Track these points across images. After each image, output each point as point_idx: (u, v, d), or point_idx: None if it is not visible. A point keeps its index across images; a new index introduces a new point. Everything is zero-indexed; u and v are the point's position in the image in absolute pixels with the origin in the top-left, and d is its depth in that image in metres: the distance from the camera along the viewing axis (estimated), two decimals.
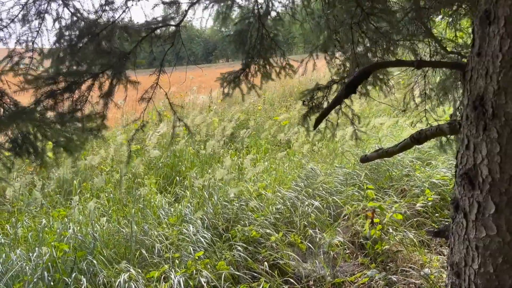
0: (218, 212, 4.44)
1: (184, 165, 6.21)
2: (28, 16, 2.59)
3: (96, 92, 2.44)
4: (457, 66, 1.92)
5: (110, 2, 2.45)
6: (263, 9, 3.21)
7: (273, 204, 4.58)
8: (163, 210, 4.52)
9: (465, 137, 1.61)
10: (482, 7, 1.51)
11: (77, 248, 3.71)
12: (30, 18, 2.60)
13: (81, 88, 2.37)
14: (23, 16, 2.59)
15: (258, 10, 3.25)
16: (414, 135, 2.12)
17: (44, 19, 2.60)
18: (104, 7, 2.45)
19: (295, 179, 5.23)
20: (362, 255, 3.94)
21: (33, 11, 2.57)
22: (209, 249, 3.82)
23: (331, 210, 4.57)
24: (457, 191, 1.67)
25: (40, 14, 2.58)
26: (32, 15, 2.57)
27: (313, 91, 3.09)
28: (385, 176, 5.31)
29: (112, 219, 4.38)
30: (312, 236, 4.08)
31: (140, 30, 2.61)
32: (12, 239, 4.08)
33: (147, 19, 2.75)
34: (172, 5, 2.96)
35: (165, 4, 2.94)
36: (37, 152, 2.30)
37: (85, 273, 3.44)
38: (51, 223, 4.28)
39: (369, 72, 2.06)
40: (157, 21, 2.70)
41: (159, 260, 3.68)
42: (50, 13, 2.62)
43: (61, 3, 2.64)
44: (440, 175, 4.96)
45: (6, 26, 2.61)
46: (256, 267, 3.66)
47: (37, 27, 2.65)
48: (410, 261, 3.69)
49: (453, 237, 1.72)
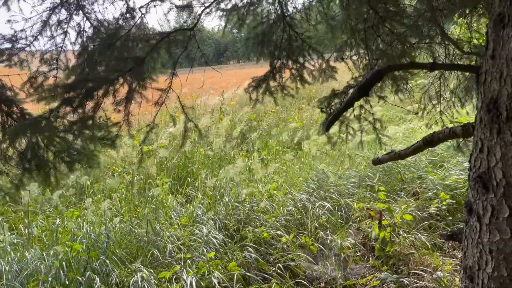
0: (230, 213, 4.46)
1: (194, 166, 6.25)
2: (51, 32, 2.61)
3: (111, 99, 2.45)
4: (471, 69, 1.91)
5: (132, 10, 2.48)
6: (285, 9, 3.19)
7: (284, 206, 4.59)
8: (175, 211, 4.55)
9: (479, 140, 1.60)
10: (496, 9, 1.50)
11: (90, 248, 3.76)
12: (53, 33, 2.62)
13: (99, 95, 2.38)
14: (46, 31, 2.61)
15: (282, 11, 3.24)
16: (427, 137, 2.12)
17: (67, 34, 2.63)
18: (125, 15, 2.49)
19: (306, 181, 5.23)
20: (374, 258, 3.92)
21: (55, 27, 2.59)
22: (220, 250, 3.84)
23: (343, 212, 4.56)
24: (471, 195, 1.66)
25: (62, 28, 2.60)
26: (54, 31, 2.60)
27: (330, 97, 3.08)
28: (397, 179, 5.27)
29: (124, 219, 4.42)
30: (323, 238, 4.08)
31: (155, 35, 2.65)
32: (27, 238, 4.15)
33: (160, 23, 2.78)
34: (185, 9, 2.99)
35: (178, 8, 2.98)
36: (47, 167, 2.28)
37: (98, 273, 3.49)
38: (64, 223, 4.34)
39: (381, 75, 2.05)
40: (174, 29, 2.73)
41: (171, 261, 3.71)
42: (73, 27, 2.64)
43: (83, 15, 2.68)
44: (453, 178, 4.92)
45: (29, 45, 2.63)
46: (267, 268, 3.66)
47: (61, 42, 2.67)
48: (422, 264, 3.67)
49: (466, 240, 1.71)
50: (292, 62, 3.27)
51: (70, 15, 2.70)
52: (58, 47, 2.78)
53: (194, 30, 2.94)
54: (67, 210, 4.85)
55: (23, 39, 2.66)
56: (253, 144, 7.39)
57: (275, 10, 3.24)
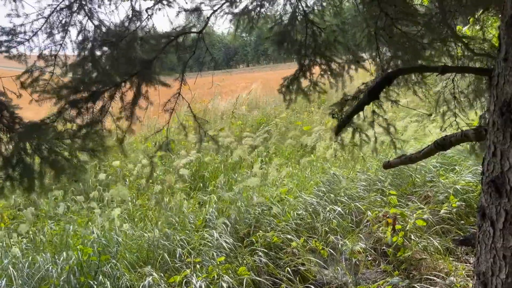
0: (241, 217, 4.46)
1: (208, 172, 6.29)
2: (51, 29, 2.61)
3: (118, 103, 2.44)
4: (483, 72, 1.89)
5: (138, 13, 2.50)
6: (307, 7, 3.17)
7: (295, 210, 4.57)
8: (190, 216, 4.57)
9: (492, 144, 1.58)
10: (508, 12, 1.48)
11: (101, 252, 3.78)
12: (53, 31, 2.62)
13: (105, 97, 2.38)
14: (47, 28, 2.61)
15: (303, 8, 3.22)
16: (438, 141, 2.09)
17: (67, 32, 2.63)
18: (131, 18, 2.50)
19: (317, 185, 5.20)
20: (385, 262, 3.88)
21: (57, 24, 2.60)
22: (230, 254, 3.83)
23: (353, 216, 4.53)
24: (484, 199, 1.64)
25: (64, 26, 2.60)
26: (55, 28, 2.60)
27: (342, 103, 3.06)
28: (408, 182, 5.22)
29: (136, 225, 4.45)
30: (334, 243, 4.05)
31: (163, 37, 2.66)
32: (37, 242, 4.19)
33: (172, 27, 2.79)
34: (193, 12, 3.00)
35: (187, 12, 2.99)
36: (31, 175, 2.22)
37: (109, 276, 3.51)
38: (75, 227, 4.38)
39: (391, 78, 2.04)
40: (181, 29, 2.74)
41: (181, 265, 3.71)
42: (75, 25, 2.64)
43: (85, 15, 2.69)
44: (465, 181, 4.85)
45: (28, 40, 2.63)
46: (277, 273, 3.65)
47: (61, 40, 2.68)
48: (435, 269, 3.62)
49: (479, 246, 1.68)
50: (320, 57, 3.23)
51: (71, 14, 2.70)
52: (57, 44, 2.77)
53: (203, 33, 2.94)
54: (79, 215, 4.90)
55: (22, 34, 2.65)
56: (267, 148, 7.38)
57: (294, 8, 3.21)
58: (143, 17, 2.75)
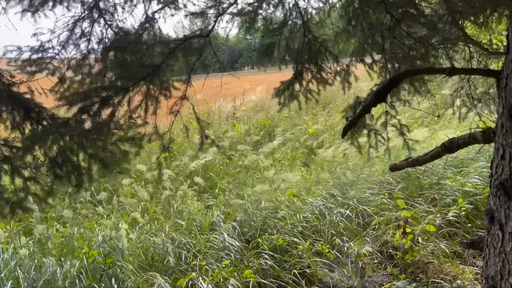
0: (247, 220, 4.45)
1: (214, 174, 6.30)
2: (76, 40, 2.67)
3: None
4: (491, 73, 1.87)
5: (151, 19, 2.51)
6: (304, 14, 3.19)
7: (301, 212, 4.55)
8: (197, 219, 4.57)
9: (500, 146, 1.56)
10: None
11: (107, 255, 3.79)
12: (77, 42, 2.68)
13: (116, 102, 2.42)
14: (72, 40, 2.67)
15: (302, 15, 3.23)
16: (445, 143, 2.07)
17: (90, 41, 2.69)
18: (144, 25, 2.52)
19: (324, 187, 5.18)
20: (391, 266, 3.86)
21: (79, 35, 2.65)
22: (236, 257, 3.82)
23: (360, 219, 4.50)
24: (492, 202, 1.62)
25: (86, 36, 2.66)
26: (78, 38, 2.65)
27: (355, 105, 3.06)
28: (415, 185, 5.19)
29: (143, 229, 4.46)
30: (340, 245, 4.02)
31: (171, 42, 2.67)
32: (44, 244, 4.20)
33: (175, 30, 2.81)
34: (200, 16, 3.01)
35: (193, 15, 2.99)
36: (79, 171, 2.29)
37: (115, 279, 3.51)
38: (80, 230, 4.39)
39: (398, 81, 2.02)
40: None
41: (187, 267, 3.71)
42: (95, 34, 2.71)
43: (104, 23, 2.73)
44: (473, 184, 4.81)
45: (58, 53, 2.69)
46: (283, 275, 3.63)
47: (84, 49, 2.73)
48: (442, 272, 3.59)
49: (488, 249, 1.66)
50: (313, 65, 3.27)
51: (93, 23, 2.76)
52: (82, 54, 2.84)
53: (209, 37, 2.95)
54: (87, 218, 4.91)
55: (51, 49, 2.72)
56: (274, 151, 7.37)
57: (293, 16, 3.23)
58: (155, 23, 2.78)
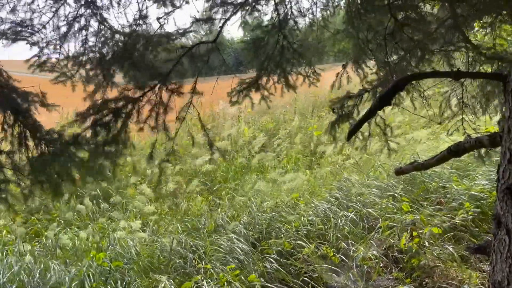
0: (252, 222, 4.44)
1: (220, 175, 6.32)
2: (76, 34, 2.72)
3: None
4: (498, 77, 1.86)
5: (144, 17, 2.53)
6: (283, 18, 3.21)
7: (306, 216, 4.54)
8: (203, 221, 4.58)
9: (507, 150, 1.55)
10: None
11: (113, 258, 3.80)
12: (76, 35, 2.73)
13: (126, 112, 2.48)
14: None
15: (278, 20, 3.25)
16: (451, 147, 2.06)
17: (87, 41, 2.73)
18: (138, 21, 2.54)
19: (328, 190, 5.17)
20: (397, 270, 3.83)
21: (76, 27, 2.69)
22: (242, 260, 3.82)
23: (365, 223, 4.48)
24: (499, 207, 1.61)
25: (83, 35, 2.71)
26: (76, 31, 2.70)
27: (344, 99, 3.07)
28: (420, 188, 5.16)
29: (149, 228, 4.47)
30: (345, 249, 4.01)
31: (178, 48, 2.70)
32: (51, 249, 4.22)
33: None
34: (206, 22, 3.03)
35: (199, 21, 3.01)
36: (57, 180, 2.33)
37: (120, 281, 3.52)
38: (88, 232, 4.41)
39: (403, 84, 2.02)
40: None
41: (192, 270, 3.71)
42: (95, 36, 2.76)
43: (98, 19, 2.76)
44: (479, 187, 4.77)
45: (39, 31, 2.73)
46: (288, 279, 3.62)
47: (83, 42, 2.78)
48: (448, 277, 3.56)
49: (495, 254, 1.65)
50: (281, 70, 3.32)
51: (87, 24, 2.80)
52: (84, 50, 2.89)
53: (216, 43, 2.97)
54: (94, 221, 4.94)
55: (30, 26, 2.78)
56: (278, 154, 7.38)
57: (273, 22, 3.25)
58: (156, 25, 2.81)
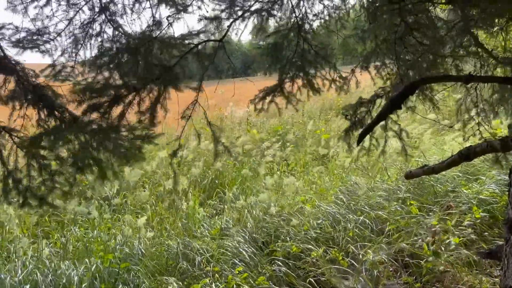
0: (259, 226, 4.44)
1: (224, 180, 6.31)
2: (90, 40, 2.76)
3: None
4: (509, 81, 1.85)
5: (157, 23, 2.55)
6: (301, 21, 3.21)
7: (314, 219, 4.53)
8: (205, 224, 4.59)
9: None
10: None
11: (122, 260, 3.82)
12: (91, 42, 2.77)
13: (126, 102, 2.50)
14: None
15: (297, 22, 3.24)
16: (462, 151, 2.06)
17: (103, 42, 2.77)
18: (151, 27, 2.56)
19: (336, 193, 5.16)
20: (406, 274, 3.81)
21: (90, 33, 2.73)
22: (249, 263, 3.82)
23: (373, 226, 4.46)
24: (511, 212, 1.61)
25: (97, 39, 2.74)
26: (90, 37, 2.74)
27: (356, 105, 3.05)
28: (429, 192, 5.13)
29: (155, 232, 4.48)
30: (354, 253, 3.99)
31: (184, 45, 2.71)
32: (63, 249, 4.26)
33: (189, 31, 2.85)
34: (214, 21, 3.04)
35: (207, 20, 3.03)
36: (99, 164, 2.39)
37: (129, 283, 3.54)
38: (95, 232, 4.44)
39: (415, 88, 2.02)
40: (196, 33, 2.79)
41: (200, 273, 3.72)
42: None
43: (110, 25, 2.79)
44: (489, 192, 4.74)
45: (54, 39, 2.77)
46: (297, 282, 3.62)
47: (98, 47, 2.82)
48: (458, 282, 3.53)
49: (506, 259, 1.64)
50: (304, 74, 3.30)
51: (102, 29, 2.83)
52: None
53: (223, 41, 2.98)
54: (103, 220, 4.96)
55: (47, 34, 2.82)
56: (286, 158, 7.37)
57: (292, 24, 3.23)
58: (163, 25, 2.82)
